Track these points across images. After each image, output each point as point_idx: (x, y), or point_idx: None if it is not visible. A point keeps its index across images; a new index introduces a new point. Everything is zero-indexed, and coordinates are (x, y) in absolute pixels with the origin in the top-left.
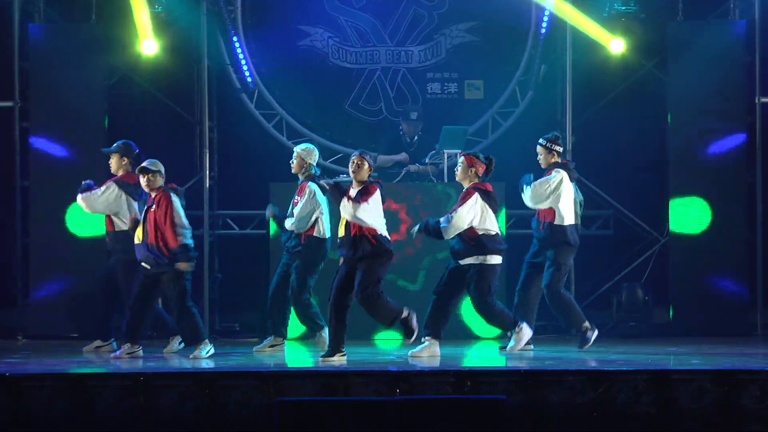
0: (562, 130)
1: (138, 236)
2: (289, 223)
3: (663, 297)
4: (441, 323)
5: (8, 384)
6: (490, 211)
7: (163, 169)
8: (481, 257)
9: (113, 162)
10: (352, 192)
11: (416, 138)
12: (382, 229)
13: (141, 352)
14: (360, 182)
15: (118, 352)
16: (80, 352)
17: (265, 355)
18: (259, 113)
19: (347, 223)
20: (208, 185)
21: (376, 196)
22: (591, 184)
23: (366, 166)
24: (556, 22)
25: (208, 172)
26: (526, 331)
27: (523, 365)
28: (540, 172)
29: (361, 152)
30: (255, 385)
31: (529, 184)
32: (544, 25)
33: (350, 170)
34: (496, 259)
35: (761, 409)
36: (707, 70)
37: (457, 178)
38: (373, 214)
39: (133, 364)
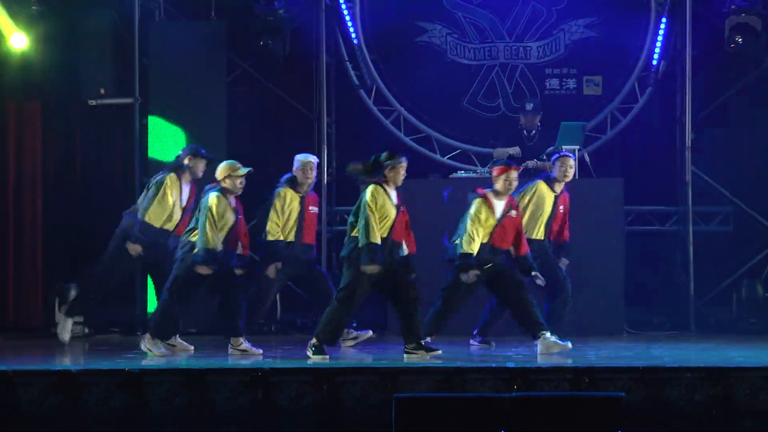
0: (681, 125)
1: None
2: None
3: None
4: None
5: (129, 379)
6: None
7: None
8: None
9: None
10: None
11: (534, 132)
12: None
13: None
14: None
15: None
16: (198, 347)
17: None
18: (377, 109)
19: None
20: (326, 181)
21: None
22: (711, 180)
23: None
24: (675, 17)
25: (326, 168)
26: None
27: (641, 362)
28: None
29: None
30: (373, 382)
31: None
32: (663, 20)
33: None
34: None
35: None
36: None
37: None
38: None
39: (250, 360)
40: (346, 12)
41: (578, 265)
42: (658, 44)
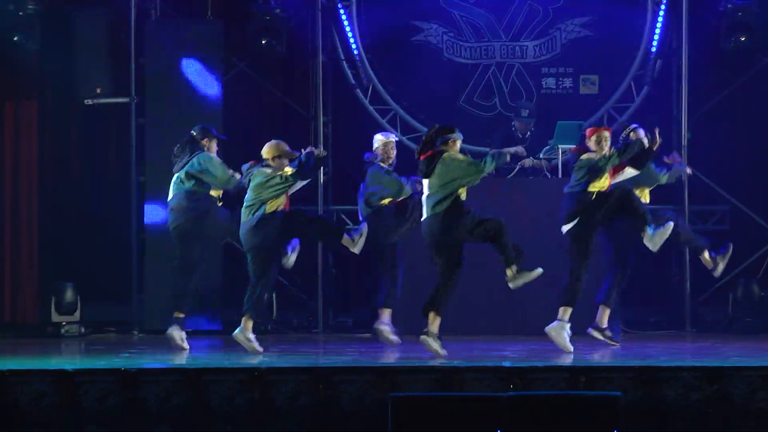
0: (677, 124)
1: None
2: None
3: None
4: None
5: (125, 378)
6: None
7: None
8: None
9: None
10: None
11: (529, 134)
12: None
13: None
14: None
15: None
16: (196, 346)
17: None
18: (374, 108)
19: None
20: (322, 180)
21: None
22: (707, 179)
23: None
24: (672, 16)
25: (322, 167)
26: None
27: (637, 362)
28: None
29: None
30: (370, 381)
31: None
32: (660, 19)
33: None
34: None
35: None
36: None
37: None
38: None
39: (247, 358)
40: (342, 11)
41: None
42: (655, 43)
